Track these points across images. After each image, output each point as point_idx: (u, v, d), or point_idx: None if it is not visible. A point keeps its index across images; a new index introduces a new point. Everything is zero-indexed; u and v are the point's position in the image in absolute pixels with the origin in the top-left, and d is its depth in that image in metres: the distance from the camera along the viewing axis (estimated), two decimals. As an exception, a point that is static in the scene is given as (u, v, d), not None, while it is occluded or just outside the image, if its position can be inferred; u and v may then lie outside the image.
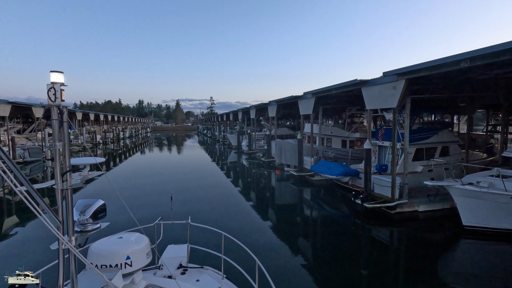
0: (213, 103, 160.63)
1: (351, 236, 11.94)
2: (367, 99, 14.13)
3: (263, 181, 22.90)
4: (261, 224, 12.67)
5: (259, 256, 4.85)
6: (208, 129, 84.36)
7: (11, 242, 10.81)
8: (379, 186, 13.80)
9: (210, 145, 56.02)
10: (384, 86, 12.81)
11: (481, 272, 8.70)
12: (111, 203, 5.16)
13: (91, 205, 3.72)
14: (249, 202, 16.21)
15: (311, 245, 10.97)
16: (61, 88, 2.66)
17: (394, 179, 12.59)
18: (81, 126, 50.78)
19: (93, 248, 3.70)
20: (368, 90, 13.93)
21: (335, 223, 13.40)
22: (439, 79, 12.50)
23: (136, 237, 4.03)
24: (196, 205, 15.11)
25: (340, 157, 22.77)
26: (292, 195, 18.69)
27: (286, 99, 24.88)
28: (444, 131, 18.06)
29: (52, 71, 2.65)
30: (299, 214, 14.85)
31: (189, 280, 4.63)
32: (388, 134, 18.37)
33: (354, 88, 15.19)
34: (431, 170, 17.08)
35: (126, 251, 3.68)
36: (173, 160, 36.46)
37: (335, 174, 16.69)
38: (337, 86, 16.44)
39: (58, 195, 2.71)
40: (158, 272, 4.76)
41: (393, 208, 12.66)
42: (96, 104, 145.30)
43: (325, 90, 17.93)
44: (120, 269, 3.57)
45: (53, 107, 2.65)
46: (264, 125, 44.54)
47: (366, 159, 13.53)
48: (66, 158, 2.78)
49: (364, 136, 25.05)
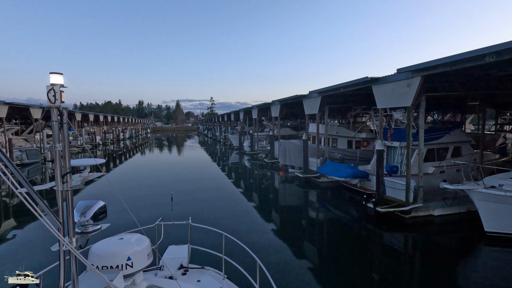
0: (213, 103, 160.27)
1: (363, 241, 11.29)
2: (378, 98, 13.46)
3: (267, 183, 22.24)
4: (267, 228, 12.02)
5: (267, 263, 4.77)
6: (209, 130, 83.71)
7: (12, 243, 10.71)
8: (392, 189, 13.13)
9: (211, 145, 55.38)
10: (397, 83, 12.14)
11: (506, 284, 8.03)
12: (112, 204, 5.10)
13: (91, 207, 3.71)
14: (253, 204, 15.55)
15: (321, 250, 10.34)
16: (61, 89, 2.65)
17: (408, 181, 11.92)
18: (81, 127, 50.12)
19: (94, 249, 3.68)
20: (380, 88, 13.27)
21: (345, 228, 12.75)
22: (456, 76, 11.85)
23: (137, 238, 3.98)
24: (197, 207, 14.46)
25: (347, 158, 22.11)
26: (299, 197, 18.02)
27: (290, 99, 24.21)
28: (456, 130, 17.39)
29: (52, 73, 2.65)
30: (307, 218, 14.20)
31: (190, 280, 4.61)
32: (398, 134, 17.70)
33: (363, 86, 14.52)
34: (443, 172, 16.42)
35: (127, 252, 3.65)
36: (174, 161, 35.81)
37: (343, 176, 16.01)
38: (345, 84, 15.77)
39: (59, 196, 2.70)
40: (159, 272, 4.74)
41: (408, 212, 11.99)
42: (96, 105, 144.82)
43: (332, 89, 17.26)
44: (121, 270, 3.54)
45: (53, 109, 2.63)
46: (266, 125, 43.94)
47: (378, 160, 12.86)
48: (66, 160, 2.77)
49: (370, 136, 24.39)
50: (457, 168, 16.95)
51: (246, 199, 16.81)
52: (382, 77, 13.06)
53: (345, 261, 9.47)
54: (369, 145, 24.26)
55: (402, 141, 17.28)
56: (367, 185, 16.61)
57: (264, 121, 43.31)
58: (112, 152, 44.12)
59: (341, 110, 28.72)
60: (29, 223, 12.54)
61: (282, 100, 26.35)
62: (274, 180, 23.12)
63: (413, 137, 16.73)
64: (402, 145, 17.30)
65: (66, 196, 2.78)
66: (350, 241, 11.16)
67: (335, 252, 10.15)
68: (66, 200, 2.79)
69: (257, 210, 14.60)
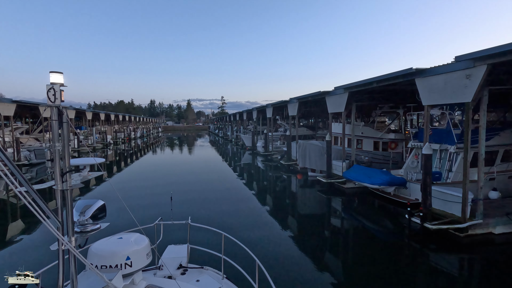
0: (224, 102, 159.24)
1: (407, 263, 9.34)
2: (424, 93, 11.44)
3: (286, 187, 20.42)
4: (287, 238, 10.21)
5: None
6: (220, 129, 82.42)
7: (11, 243, 10.68)
8: (440, 200, 11.09)
9: (222, 145, 53.90)
10: (451, 75, 10.11)
11: None
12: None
13: (91, 206, 3.66)
14: (272, 211, 13.75)
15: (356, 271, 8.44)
16: (61, 88, 2.66)
17: (465, 193, 9.88)
18: (91, 126, 49.54)
19: (93, 249, 3.68)
20: (426, 82, 11.24)
21: (382, 244, 10.73)
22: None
23: (136, 237, 3.98)
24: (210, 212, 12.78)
25: (374, 161, 20.06)
26: (323, 205, 16.14)
27: (310, 96, 22.26)
28: (507, 131, 15.10)
29: (52, 72, 2.68)
30: (336, 230, 12.33)
31: (189, 280, 4.61)
32: (437, 135, 15.59)
33: (403, 80, 12.51)
34: (493, 179, 14.24)
35: (126, 251, 3.64)
36: (185, 161, 34.36)
37: (377, 184, 14.00)
38: (379, 78, 13.78)
39: (58, 195, 2.72)
40: (158, 272, 4.72)
41: (464, 230, 9.97)
42: (109, 104, 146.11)
43: (363, 84, 15.28)
44: (120, 269, 3.53)
45: (53, 108, 2.66)
46: (281, 125, 42.03)
47: (425, 167, 10.85)
48: (65, 159, 2.77)
49: (399, 137, 22.21)
50: (509, 175, 14.80)
51: (263, 205, 15.03)
52: (429, 68, 11.04)
53: (384, 286, 7.73)
54: (397, 146, 22.11)
55: (442, 143, 15.20)
56: (403, 193, 14.57)
57: (279, 120, 41.46)
58: (123, 151, 43.24)
59: (364, 109, 26.54)
60: (28, 222, 12.55)
61: (301, 98, 24.44)
62: (293, 184, 21.26)
63: (458, 139, 14.67)
64: (443, 147, 15.21)
65: (66, 195, 2.78)
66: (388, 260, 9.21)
67: (370, 273, 8.24)
68: (66, 199, 2.80)
69: (278, 218, 12.79)
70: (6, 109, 26.24)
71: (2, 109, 25.80)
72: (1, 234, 11.61)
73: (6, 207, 15.93)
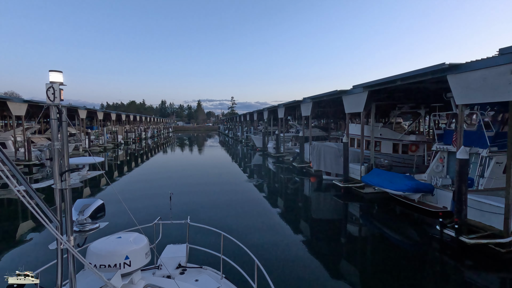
0: (234, 103, 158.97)
1: (439, 279, 8.26)
2: (457, 91, 10.33)
3: (299, 190, 19.46)
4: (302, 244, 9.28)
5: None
6: (230, 130, 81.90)
7: (10, 242, 10.68)
8: (477, 210, 9.95)
9: (232, 146, 53.25)
10: (492, 70, 8.99)
11: None
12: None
13: (90, 205, 3.57)
14: (287, 216, 12.84)
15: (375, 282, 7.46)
16: (60, 87, 2.66)
17: (509, 204, 8.73)
18: (103, 126, 49.74)
19: (92, 248, 3.67)
20: (461, 78, 10.13)
21: (409, 257, 9.57)
22: None
23: (135, 237, 3.95)
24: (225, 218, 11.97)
25: (395, 165, 18.87)
26: (341, 210, 15.14)
27: (325, 95, 21.23)
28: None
29: (51, 71, 2.66)
30: (356, 238, 11.36)
31: (188, 280, 4.57)
32: (466, 138, 14.29)
33: (432, 76, 11.41)
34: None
35: (125, 251, 3.62)
36: (195, 162, 33.80)
37: (402, 190, 12.90)
38: (404, 75, 12.71)
39: (57, 194, 2.71)
40: (157, 272, 4.70)
41: (506, 245, 8.82)
42: (121, 105, 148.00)
43: (385, 82, 14.21)
44: (119, 269, 3.51)
45: (52, 107, 2.64)
46: (292, 126, 40.97)
47: (460, 173, 9.73)
48: (65, 158, 2.76)
49: (420, 139, 20.92)
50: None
51: (277, 210, 14.14)
52: (465, 63, 9.93)
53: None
54: (418, 149, 20.82)
55: (473, 146, 13.94)
56: (429, 201, 13.41)
57: (290, 121, 40.43)
58: (134, 151, 43.13)
59: (381, 109, 25.25)
60: (27, 221, 12.50)
61: (315, 97, 23.42)
62: (306, 187, 20.28)
63: (491, 142, 13.42)
64: (473, 151, 13.95)
65: (65, 194, 2.78)
66: (414, 275, 8.17)
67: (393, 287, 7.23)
68: (65, 198, 2.79)
69: (291, 222, 11.87)
70: (17, 109, 26.23)
71: (14, 109, 25.79)
72: (1, 234, 11.47)
73: (5, 206, 15.65)
